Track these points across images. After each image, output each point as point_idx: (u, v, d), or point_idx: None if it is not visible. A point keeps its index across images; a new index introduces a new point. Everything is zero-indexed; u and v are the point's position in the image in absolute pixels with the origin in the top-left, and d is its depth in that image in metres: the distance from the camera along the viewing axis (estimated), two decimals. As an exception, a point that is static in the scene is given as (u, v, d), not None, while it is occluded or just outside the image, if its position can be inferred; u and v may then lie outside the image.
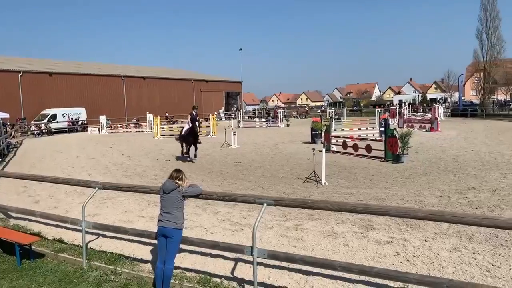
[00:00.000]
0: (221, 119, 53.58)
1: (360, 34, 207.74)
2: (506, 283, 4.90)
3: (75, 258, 6.25)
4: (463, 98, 61.68)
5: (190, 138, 16.00)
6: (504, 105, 52.01)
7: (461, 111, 47.28)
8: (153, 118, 33.12)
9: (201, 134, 31.02)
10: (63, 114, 39.79)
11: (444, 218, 3.73)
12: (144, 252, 6.47)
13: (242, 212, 8.52)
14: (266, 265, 5.58)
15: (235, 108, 63.19)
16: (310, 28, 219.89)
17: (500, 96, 62.21)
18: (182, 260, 5.97)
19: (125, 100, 51.23)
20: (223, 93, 67.68)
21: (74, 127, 39.93)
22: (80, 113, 41.73)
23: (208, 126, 31.25)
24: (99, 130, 37.35)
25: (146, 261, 6.13)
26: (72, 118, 40.45)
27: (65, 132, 37.59)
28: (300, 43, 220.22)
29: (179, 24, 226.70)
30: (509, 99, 55.46)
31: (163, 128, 32.67)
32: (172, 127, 34.90)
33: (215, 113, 46.45)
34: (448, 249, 6.00)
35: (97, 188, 6.54)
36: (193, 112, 15.98)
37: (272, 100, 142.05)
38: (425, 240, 6.37)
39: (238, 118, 43.70)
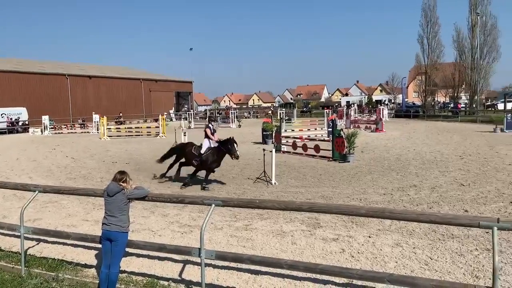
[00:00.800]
0: (171, 120, 52.76)
1: (309, 37, 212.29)
2: (442, 275, 5.18)
3: (13, 266, 5.93)
4: (406, 100, 64.66)
5: (214, 165, 11.65)
6: (443, 107, 55.06)
7: (404, 112, 49.54)
8: (99, 119, 32.04)
9: (150, 134, 30.60)
10: (1, 114, 37.57)
11: (384, 215, 3.90)
12: (88, 257, 6.24)
13: (192, 213, 8.44)
14: (215, 266, 5.56)
15: (186, 108, 62.49)
16: (261, 30, 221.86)
17: (440, 98, 65.78)
18: (128, 264, 5.83)
19: (69, 99, 49.20)
20: (173, 93, 66.64)
21: (14, 127, 37.79)
22: (21, 113, 39.58)
23: (158, 127, 30.67)
24: (41, 131, 35.58)
25: (90, 266, 5.92)
26: (11, 118, 38.28)
27: (4, 133, 35.47)
28: (252, 44, 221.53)
29: (127, 21, 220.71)
30: (448, 101, 58.70)
31: (110, 129, 31.69)
32: (119, 128, 33.95)
33: (165, 113, 45.70)
34: (390, 244, 6.26)
35: (37, 192, 6.23)
36: (211, 125, 12.11)
37: (224, 101, 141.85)
38: (369, 237, 6.61)
39: (189, 118, 43.21)
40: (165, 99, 62.71)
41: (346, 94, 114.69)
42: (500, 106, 52.07)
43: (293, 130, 26.00)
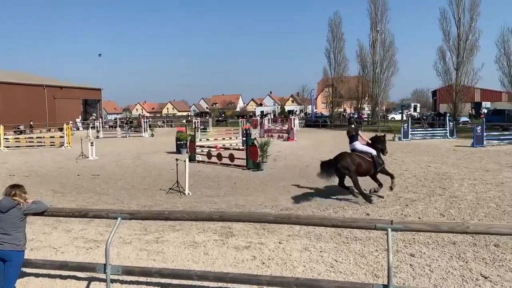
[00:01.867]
0: (78, 129, 49.77)
1: (224, 48, 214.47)
2: (346, 276, 5.48)
3: None
4: (315, 110, 68.04)
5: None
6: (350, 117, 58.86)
7: (313, 122, 52.04)
8: (-5, 128, 29.15)
9: (53, 145, 28.51)
10: None
11: (291, 221, 4.04)
12: (-24, 281, 5.60)
13: (99, 228, 8.00)
14: (122, 282, 5.30)
15: (94, 117, 59.37)
16: (176, 39, 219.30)
17: (346, 108, 70.16)
18: (25, 285, 5.34)
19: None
20: (80, 101, 62.95)
21: None
22: None
23: (62, 137, 28.73)
24: None
25: (-22, 292, 5.31)
26: None
27: None
28: (166, 52, 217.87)
29: (28, 24, 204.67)
30: (353, 112, 62.78)
31: (7, 139, 28.98)
32: (18, 138, 31.23)
33: (71, 122, 43.04)
34: (299, 249, 6.49)
35: None
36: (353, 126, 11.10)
37: (136, 109, 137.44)
38: (280, 243, 6.79)
39: (97, 127, 41.08)
40: (71, 107, 58.88)
41: (261, 104, 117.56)
42: (398, 117, 57.02)
43: (208, 139, 25.92)
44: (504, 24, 49.72)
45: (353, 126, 11.21)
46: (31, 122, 46.24)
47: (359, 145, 10.56)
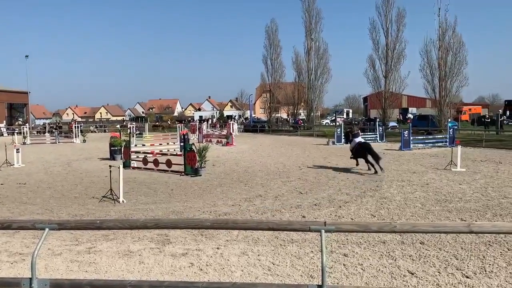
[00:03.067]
0: (2, 134, 46.36)
1: (161, 50, 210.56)
2: (283, 278, 5.58)
3: None
4: (253, 115, 68.70)
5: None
6: (286, 122, 60.12)
7: (252, 127, 52.57)
8: None
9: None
10: None
11: (228, 226, 4.04)
12: None
13: (25, 240, 7.50)
14: (51, 297, 5.00)
15: (20, 122, 55.66)
16: (109, 39, 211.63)
17: (283, 114, 71.64)
18: None
19: None
20: (4, 105, 58.77)
21: None
22: None
23: (-16, 143, 26.59)
24: None
25: None
26: None
27: None
28: (99, 56, 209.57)
29: None
30: (289, 117, 64.22)
31: None
32: None
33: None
34: (237, 254, 6.51)
35: None
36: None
37: (67, 114, 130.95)
38: (218, 248, 6.77)
39: (24, 133, 38.50)
40: (-6, 111, 54.90)
41: (199, 109, 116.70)
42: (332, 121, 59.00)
43: (144, 145, 25.24)
44: (426, 35, 53.55)
45: (355, 128, 17.58)
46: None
47: (361, 139, 16.28)
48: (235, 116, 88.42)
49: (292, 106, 56.70)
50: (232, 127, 32.55)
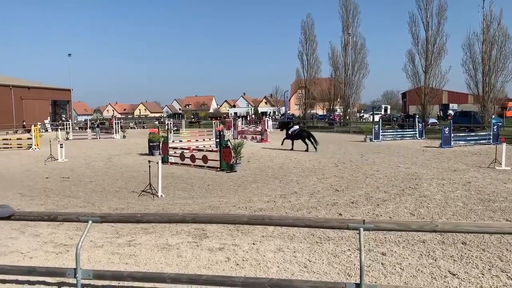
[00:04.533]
0: (46, 130, 48.41)
1: (198, 48, 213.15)
2: (319, 276, 5.54)
3: None
4: (288, 111, 68.44)
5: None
6: (322, 119, 59.57)
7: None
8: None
9: (20, 147, 27.64)
10: None
11: (264, 222, 4.05)
12: None
13: (69, 232, 7.80)
14: (93, 286, 5.17)
15: (64, 118, 57.94)
16: (148, 40, 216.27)
17: (318, 110, 70.99)
18: (-10, 293, 5.15)
19: None
20: (49, 102, 61.32)
21: None
22: None
23: (30, 138, 27.88)
24: None
25: None
26: None
27: None
28: (139, 53, 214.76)
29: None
30: (325, 113, 63.53)
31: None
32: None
33: (39, 123, 41.85)
34: (273, 250, 6.52)
35: None
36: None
37: (108, 110, 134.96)
38: (253, 244, 6.80)
39: (67, 129, 40.07)
40: (39, 108, 57.34)
41: (234, 106, 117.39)
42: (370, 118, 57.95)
43: (181, 141, 25.70)
44: (469, 29, 51.52)
45: (292, 122, 23.95)
46: (24, 123, 44.52)
47: (296, 127, 23.17)
48: (269, 112, 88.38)
49: (328, 102, 56.07)
50: (267, 124, 32.50)
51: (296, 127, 23.09)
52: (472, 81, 37.96)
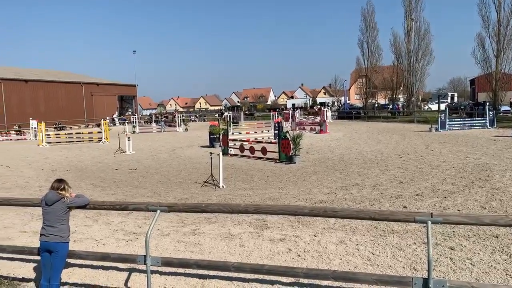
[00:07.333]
0: (114, 124, 51.15)
1: (254, 40, 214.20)
2: (383, 269, 5.42)
3: None
4: (348, 101, 66.95)
5: None
6: (383, 108, 57.63)
7: (346, 113, 51.30)
8: (37, 125, 30.43)
9: (91, 140, 29.47)
10: None
11: (326, 214, 4.02)
12: (25, 270, 5.89)
13: (137, 220, 8.24)
14: (162, 273, 5.45)
15: (130, 113, 60.85)
16: (206, 34, 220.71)
17: (380, 99, 68.74)
18: (70, 275, 5.57)
19: (4, 105, 46.21)
20: (116, 97, 64.67)
21: None
22: None
23: (100, 132, 29.61)
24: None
25: (28, 280, 5.60)
26: None
27: None
28: (197, 48, 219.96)
29: (65, 22, 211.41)
30: (387, 102, 61.37)
31: (48, 135, 30.17)
32: (59, 134, 32.44)
33: (108, 118, 44.28)
34: (335, 242, 6.46)
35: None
36: None
37: (170, 104, 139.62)
38: (315, 235, 6.78)
39: (133, 122, 42.08)
40: (107, 103, 60.72)
41: (292, 97, 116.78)
42: (434, 107, 55.28)
43: (240, 133, 26.09)
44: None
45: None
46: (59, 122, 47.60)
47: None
48: (328, 103, 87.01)
49: (390, 90, 54.10)
50: (326, 114, 32.04)
51: None
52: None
